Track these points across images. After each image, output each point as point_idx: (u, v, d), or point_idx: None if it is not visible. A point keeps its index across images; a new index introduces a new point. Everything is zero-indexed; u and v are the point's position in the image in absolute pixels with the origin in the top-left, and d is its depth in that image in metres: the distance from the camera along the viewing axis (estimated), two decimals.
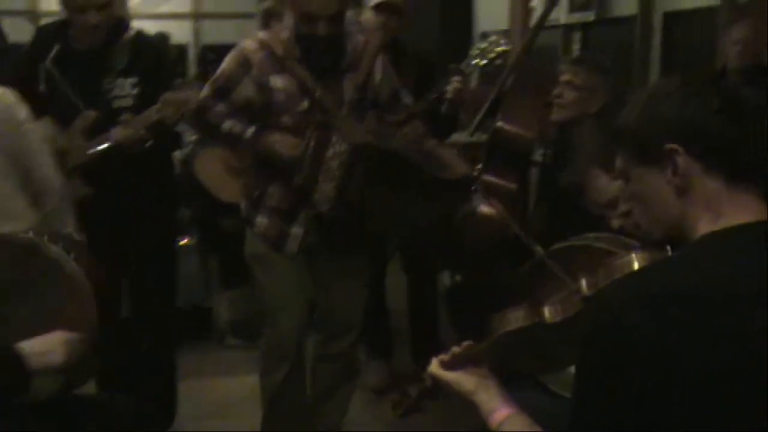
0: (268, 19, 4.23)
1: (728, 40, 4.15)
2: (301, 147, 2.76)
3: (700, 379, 1.19)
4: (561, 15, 6.40)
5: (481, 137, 3.42)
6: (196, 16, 12.02)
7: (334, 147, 2.73)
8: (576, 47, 6.46)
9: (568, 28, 6.40)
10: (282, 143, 2.80)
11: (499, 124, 3.25)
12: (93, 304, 2.01)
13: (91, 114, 2.93)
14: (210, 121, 2.89)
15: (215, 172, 4.47)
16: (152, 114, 2.87)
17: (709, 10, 5.61)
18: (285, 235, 2.93)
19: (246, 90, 2.86)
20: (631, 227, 1.84)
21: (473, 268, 3.52)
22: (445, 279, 4.42)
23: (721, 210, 1.37)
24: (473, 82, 3.59)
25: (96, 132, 2.95)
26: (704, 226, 1.38)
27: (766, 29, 4.12)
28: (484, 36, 3.35)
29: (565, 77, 3.12)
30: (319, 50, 2.77)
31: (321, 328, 3.17)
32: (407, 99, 3.12)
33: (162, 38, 4.89)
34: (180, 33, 9.73)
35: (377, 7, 3.48)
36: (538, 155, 4.18)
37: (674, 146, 1.42)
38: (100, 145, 2.90)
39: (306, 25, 2.73)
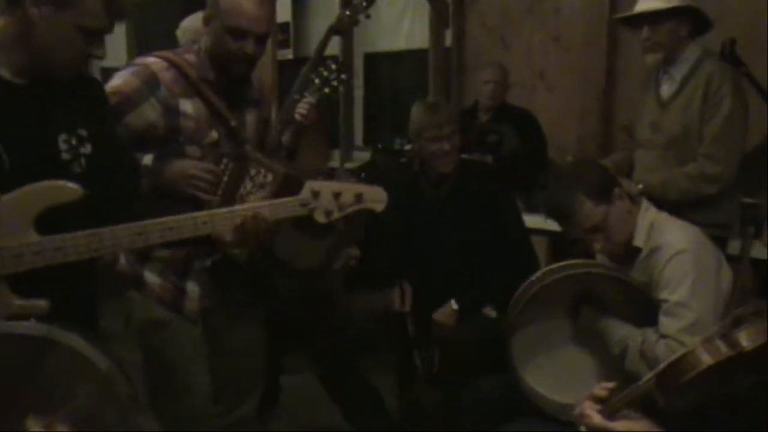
0: None
1: (479, 80, 4.62)
2: (215, 173, 2.41)
3: None
4: None
5: None
6: None
7: (253, 180, 2.43)
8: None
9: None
10: (195, 166, 2.39)
11: None
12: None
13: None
14: None
15: None
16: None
17: (409, 52, 6.14)
18: (182, 293, 2.55)
19: (149, 112, 2.33)
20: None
21: None
22: None
23: None
24: None
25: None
26: None
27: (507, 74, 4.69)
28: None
29: (446, 130, 3.14)
30: (237, 73, 2.47)
31: (219, 397, 2.80)
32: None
33: None
34: None
35: None
36: None
37: None
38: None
39: (233, 41, 2.40)
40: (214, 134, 2.45)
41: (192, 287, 2.54)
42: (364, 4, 3.34)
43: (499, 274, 3.04)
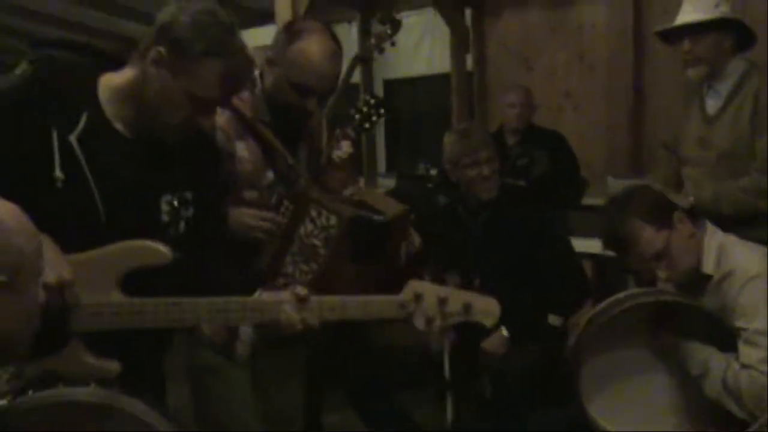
0: None
1: (504, 103, 4.54)
2: (276, 222, 2.33)
3: None
4: None
5: None
6: None
7: (314, 222, 2.35)
8: None
9: None
10: (254, 216, 2.32)
11: None
12: None
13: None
14: None
15: None
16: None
17: (429, 77, 6.08)
18: (233, 337, 2.45)
19: None
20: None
21: None
22: None
23: None
24: None
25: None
26: None
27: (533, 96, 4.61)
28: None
29: (483, 154, 3.07)
30: (294, 120, 2.38)
31: None
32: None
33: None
34: None
35: None
36: None
37: None
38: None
39: (296, 96, 2.31)
40: (270, 175, 2.37)
41: (245, 330, 2.45)
42: (389, 31, 3.27)
43: (549, 300, 2.98)
